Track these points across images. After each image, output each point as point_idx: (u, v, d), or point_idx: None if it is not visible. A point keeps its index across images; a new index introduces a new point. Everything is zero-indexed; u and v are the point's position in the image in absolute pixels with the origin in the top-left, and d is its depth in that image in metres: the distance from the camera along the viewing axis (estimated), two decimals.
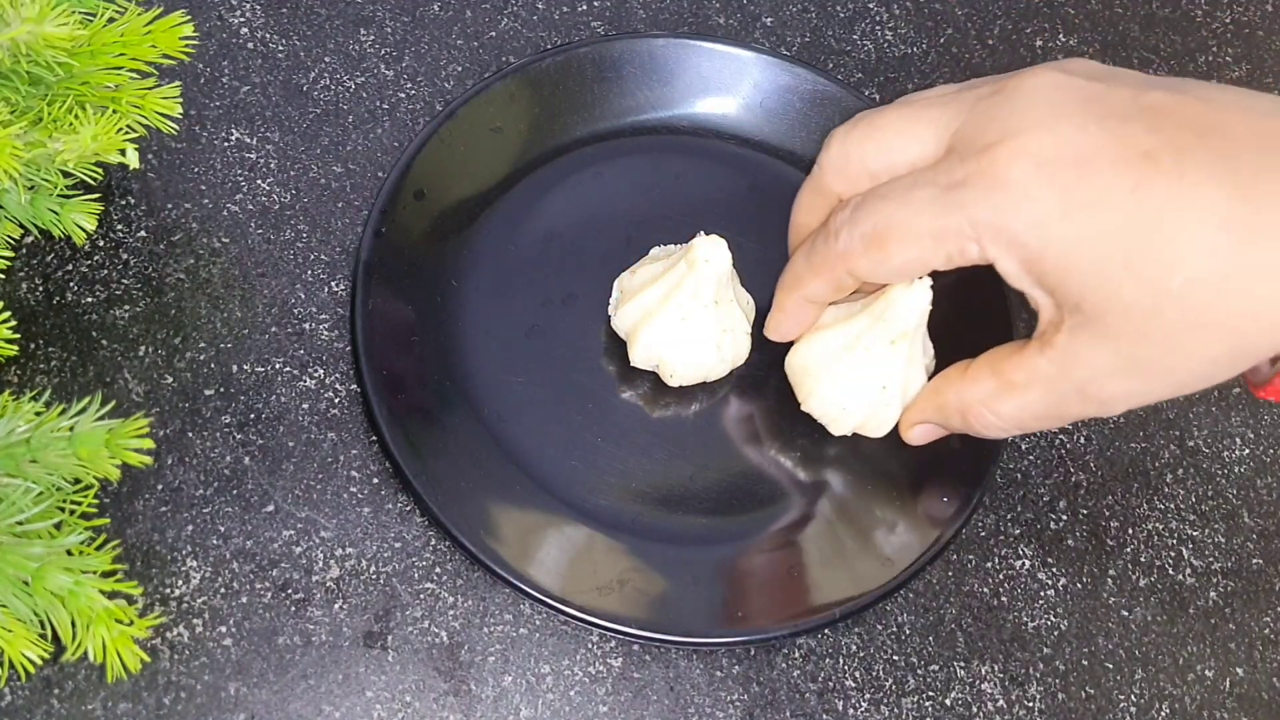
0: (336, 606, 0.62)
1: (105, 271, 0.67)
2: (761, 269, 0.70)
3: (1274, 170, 0.51)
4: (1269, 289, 0.52)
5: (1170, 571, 0.69)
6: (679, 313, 0.65)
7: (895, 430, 0.67)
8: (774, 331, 0.66)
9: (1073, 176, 0.53)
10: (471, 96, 0.71)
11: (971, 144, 0.56)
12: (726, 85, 0.75)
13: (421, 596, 0.63)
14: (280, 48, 0.74)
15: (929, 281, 0.63)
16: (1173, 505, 0.70)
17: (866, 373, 0.64)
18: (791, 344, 0.67)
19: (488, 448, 0.65)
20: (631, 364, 0.67)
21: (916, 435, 0.65)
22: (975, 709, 0.64)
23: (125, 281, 0.67)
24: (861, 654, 0.65)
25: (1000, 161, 0.54)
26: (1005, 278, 0.57)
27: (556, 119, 0.73)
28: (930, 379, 0.66)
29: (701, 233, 0.65)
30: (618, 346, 0.68)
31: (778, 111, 0.75)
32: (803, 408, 0.67)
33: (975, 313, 0.70)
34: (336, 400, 0.66)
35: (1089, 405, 0.57)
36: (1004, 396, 0.59)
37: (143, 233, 0.68)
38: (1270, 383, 0.55)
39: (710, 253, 0.64)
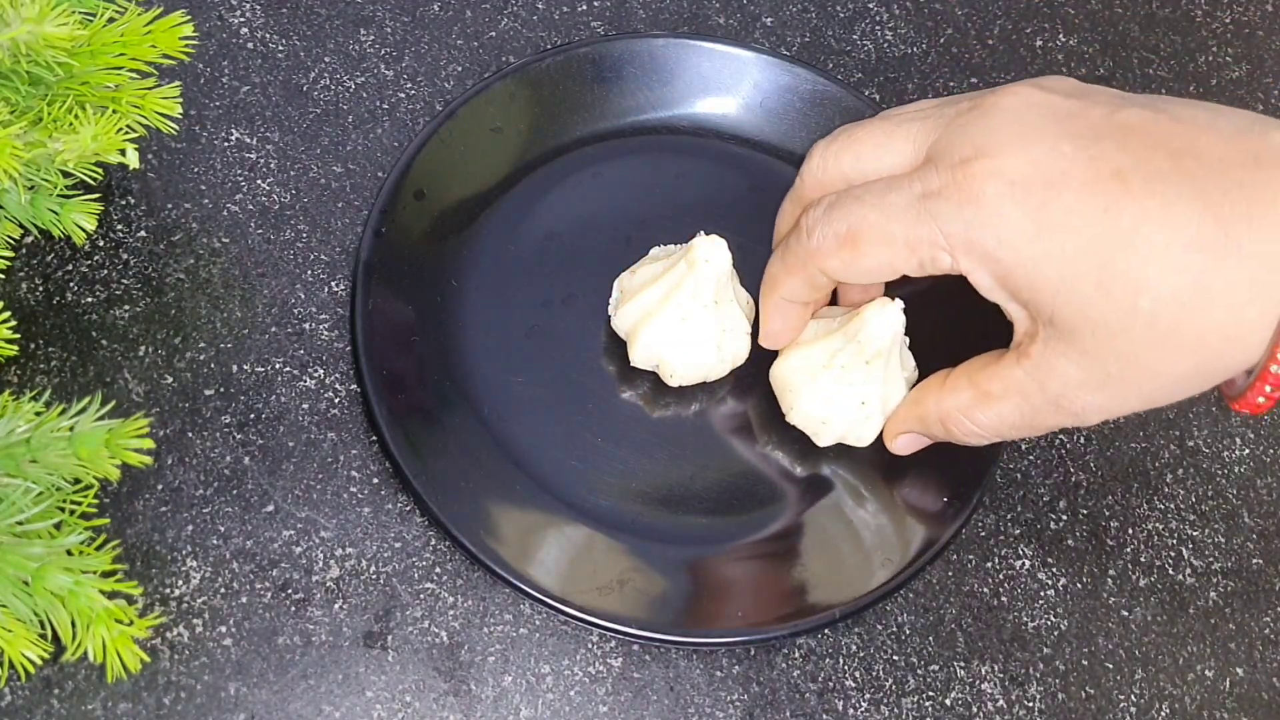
0: (336, 606, 0.62)
1: (105, 271, 0.67)
2: (761, 269, 0.70)
3: (1242, 191, 0.52)
4: (1236, 308, 0.52)
5: (1170, 571, 0.69)
6: (679, 313, 0.65)
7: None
8: (765, 339, 0.67)
9: (1045, 196, 0.54)
10: (471, 96, 0.71)
11: (948, 157, 0.56)
12: (726, 85, 0.75)
13: (421, 596, 0.63)
14: (280, 48, 0.74)
15: (900, 304, 0.63)
16: (1173, 505, 0.70)
17: (844, 390, 0.65)
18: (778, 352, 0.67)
19: (488, 448, 0.65)
20: (631, 364, 0.67)
21: (900, 445, 0.66)
22: (975, 709, 0.64)
23: (125, 281, 0.67)
24: (861, 654, 0.65)
25: (975, 177, 0.55)
26: (979, 289, 0.58)
27: (556, 119, 0.73)
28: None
29: (701, 233, 0.65)
30: (618, 346, 0.68)
31: (778, 111, 0.75)
32: (787, 419, 0.67)
33: (970, 321, 0.70)
34: (336, 400, 0.66)
35: (1063, 416, 0.58)
36: (981, 406, 0.60)
37: (143, 233, 0.68)
38: (1244, 395, 0.55)
39: (710, 253, 0.64)
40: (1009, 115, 0.56)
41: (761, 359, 0.68)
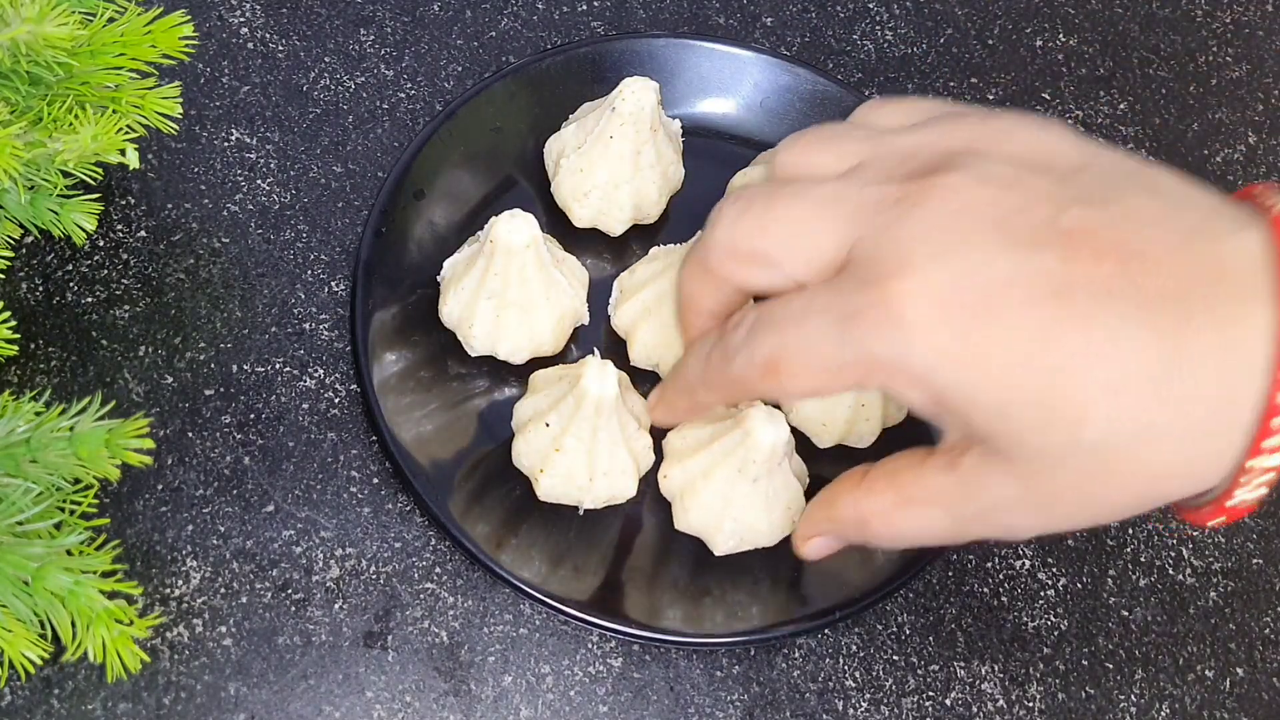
0: (336, 606, 0.62)
1: (105, 271, 0.67)
2: None
3: (1194, 317, 0.47)
4: (1188, 444, 0.48)
5: (1170, 571, 0.69)
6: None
7: (893, 429, 0.67)
8: (655, 417, 0.61)
9: (975, 317, 0.49)
10: (471, 96, 0.71)
11: (870, 268, 0.50)
12: (726, 85, 0.74)
13: (421, 596, 0.63)
14: (280, 48, 0.74)
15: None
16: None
17: (845, 393, 0.64)
18: None
19: (487, 447, 0.65)
20: (631, 363, 0.67)
21: (812, 550, 0.59)
22: (975, 709, 0.64)
23: (125, 281, 0.67)
24: (861, 654, 0.65)
25: (898, 297, 0.49)
26: (909, 407, 0.52)
27: (556, 119, 0.72)
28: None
29: (700, 234, 0.65)
30: (618, 346, 0.68)
31: (778, 111, 0.74)
32: (788, 420, 0.67)
33: None
34: (336, 400, 0.66)
35: (992, 530, 0.53)
36: (903, 511, 0.55)
37: (143, 233, 0.68)
38: (1197, 512, 0.51)
39: None
40: (938, 216, 0.50)
41: None
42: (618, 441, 0.62)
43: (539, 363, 0.67)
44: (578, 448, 0.62)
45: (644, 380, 0.68)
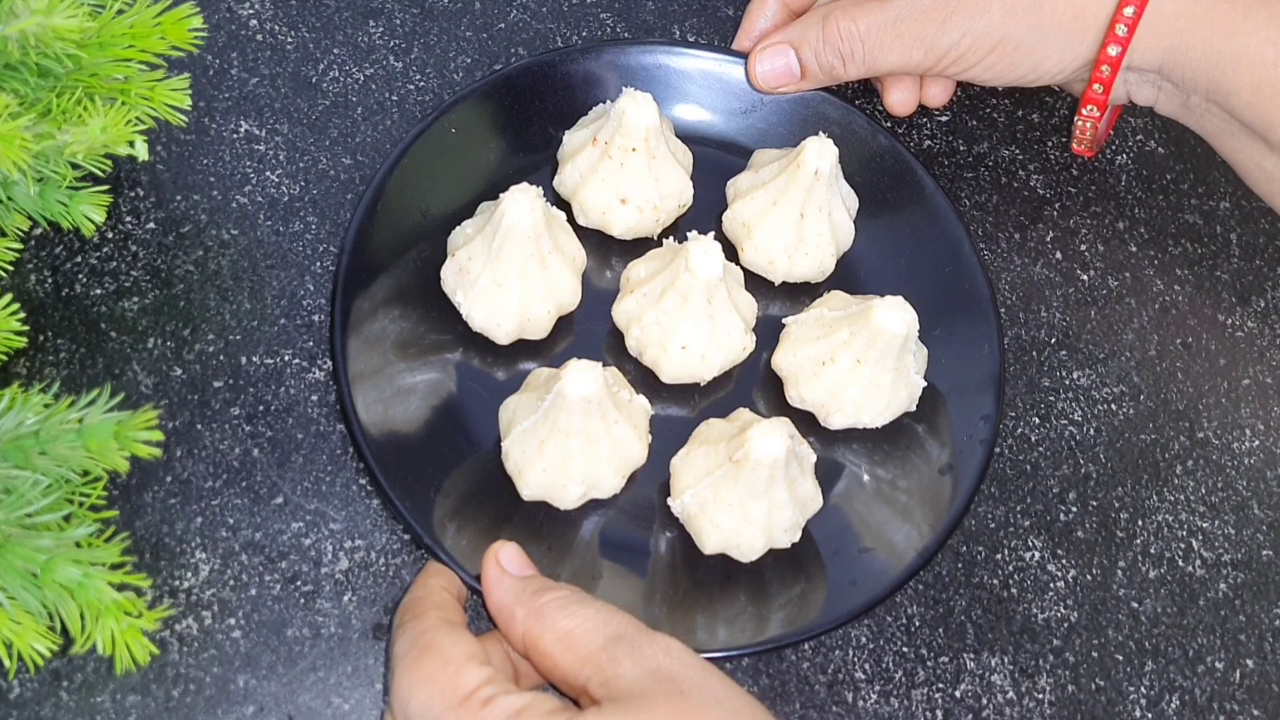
0: (346, 598, 0.62)
1: (114, 263, 0.67)
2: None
3: None
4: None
5: (1180, 563, 0.69)
6: (675, 312, 0.64)
7: (896, 422, 0.66)
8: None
9: None
10: (469, 94, 0.70)
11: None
12: (725, 87, 0.73)
13: None
14: (289, 40, 0.74)
15: (911, 310, 0.63)
16: (1183, 497, 0.70)
17: (852, 383, 0.64)
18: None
19: (484, 452, 0.65)
20: (628, 352, 0.67)
21: (765, 65, 0.72)
22: (985, 700, 0.64)
23: (134, 273, 0.67)
24: (871, 646, 0.65)
25: None
26: None
27: (557, 118, 0.72)
28: (927, 382, 0.66)
29: (695, 233, 0.64)
30: (617, 343, 0.68)
31: (774, 113, 0.74)
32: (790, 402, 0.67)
33: (963, 326, 0.69)
34: None
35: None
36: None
37: (151, 224, 0.68)
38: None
39: (703, 255, 0.63)
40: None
41: (757, 360, 0.68)
42: (602, 439, 0.62)
43: (526, 345, 0.66)
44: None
45: (642, 380, 0.67)
